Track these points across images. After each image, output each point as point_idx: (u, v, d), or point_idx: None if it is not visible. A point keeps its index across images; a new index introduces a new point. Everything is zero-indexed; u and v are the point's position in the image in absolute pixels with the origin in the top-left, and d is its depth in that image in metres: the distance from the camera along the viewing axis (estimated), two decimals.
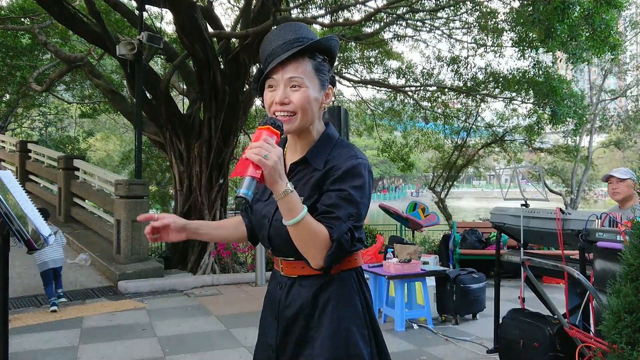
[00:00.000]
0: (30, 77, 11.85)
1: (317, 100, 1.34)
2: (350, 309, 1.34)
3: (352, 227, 1.26)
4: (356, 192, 1.28)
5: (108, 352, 4.10)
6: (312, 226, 1.22)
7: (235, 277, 7.21)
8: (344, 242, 1.24)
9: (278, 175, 1.17)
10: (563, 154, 13.85)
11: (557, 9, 6.17)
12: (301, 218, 1.19)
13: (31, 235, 1.82)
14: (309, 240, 1.23)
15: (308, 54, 1.33)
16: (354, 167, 1.29)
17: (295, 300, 1.37)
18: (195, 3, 7.40)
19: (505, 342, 3.45)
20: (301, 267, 1.36)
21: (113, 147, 26.52)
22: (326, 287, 1.35)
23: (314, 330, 1.34)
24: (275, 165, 1.15)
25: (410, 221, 7.42)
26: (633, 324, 1.78)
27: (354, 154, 1.33)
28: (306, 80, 1.31)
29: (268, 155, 1.15)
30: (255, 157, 1.14)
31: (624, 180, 3.62)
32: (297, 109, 1.30)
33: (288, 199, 1.18)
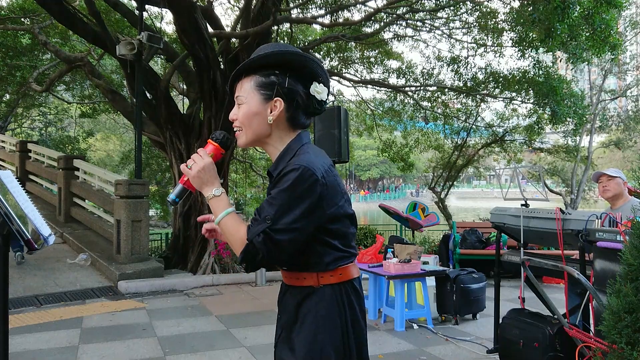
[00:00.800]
0: (30, 77, 11.85)
1: (257, 115, 1.41)
2: (327, 325, 1.36)
3: (267, 230, 1.28)
4: (280, 195, 1.30)
5: (108, 352, 4.10)
6: (231, 227, 1.35)
7: (235, 277, 7.21)
8: (256, 243, 1.28)
9: (202, 182, 1.38)
10: (563, 154, 13.85)
11: (557, 9, 6.17)
12: (219, 219, 1.36)
13: (31, 235, 1.81)
14: (228, 238, 1.36)
15: (253, 71, 1.42)
16: (287, 174, 1.32)
17: (285, 307, 1.46)
18: (195, 3, 7.40)
19: (505, 342, 3.46)
20: (290, 278, 1.44)
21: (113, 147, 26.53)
22: (307, 299, 1.39)
23: (293, 340, 1.39)
24: (197, 174, 1.37)
25: (410, 221, 7.41)
26: (633, 324, 1.78)
27: (298, 162, 1.33)
28: (245, 97, 1.42)
29: (192, 165, 1.38)
30: (182, 167, 1.39)
31: (614, 178, 3.66)
32: (241, 125, 1.44)
33: (212, 202, 1.38)
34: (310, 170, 1.32)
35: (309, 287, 1.39)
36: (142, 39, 7.06)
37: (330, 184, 1.36)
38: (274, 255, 1.30)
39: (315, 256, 1.39)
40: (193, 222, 8.54)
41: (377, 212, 8.30)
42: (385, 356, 4.01)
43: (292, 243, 1.31)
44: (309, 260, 1.39)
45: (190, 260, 8.35)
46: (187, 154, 8.56)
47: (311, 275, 1.39)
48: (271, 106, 1.41)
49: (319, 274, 1.39)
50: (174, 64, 8.67)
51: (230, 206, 1.39)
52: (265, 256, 1.29)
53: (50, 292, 5.99)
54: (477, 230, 7.83)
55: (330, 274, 1.39)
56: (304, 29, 13.24)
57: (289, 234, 1.30)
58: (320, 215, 1.34)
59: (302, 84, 1.44)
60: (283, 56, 1.41)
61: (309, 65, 1.43)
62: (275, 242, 1.29)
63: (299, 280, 1.41)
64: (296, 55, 1.41)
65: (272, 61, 1.42)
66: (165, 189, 17.95)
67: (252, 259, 1.30)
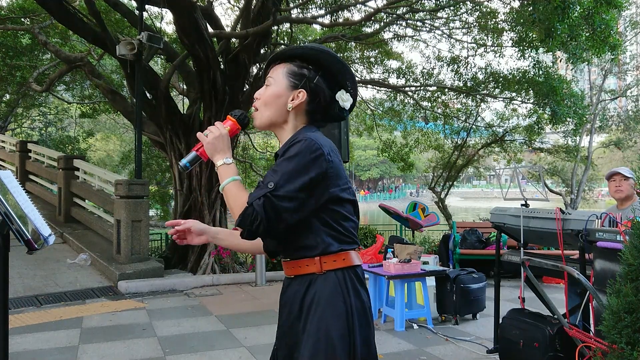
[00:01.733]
0: (30, 77, 11.84)
1: (279, 98, 1.46)
2: (333, 313, 1.34)
3: (269, 194, 1.28)
4: (284, 163, 1.33)
5: (108, 352, 4.10)
6: (235, 192, 1.36)
7: (235, 277, 7.21)
8: (256, 207, 1.27)
9: (215, 150, 1.43)
10: (563, 154, 13.84)
11: (557, 9, 6.17)
12: (225, 184, 1.39)
13: (31, 235, 1.81)
14: (231, 204, 1.36)
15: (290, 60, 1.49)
16: (293, 145, 1.36)
17: (288, 300, 1.44)
18: (195, 3, 7.40)
19: (505, 342, 3.46)
20: (293, 267, 1.43)
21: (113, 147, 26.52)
22: (311, 286, 1.38)
23: (300, 332, 1.38)
24: (213, 141, 1.42)
25: (410, 221, 7.41)
26: (633, 324, 1.78)
27: (305, 136, 1.37)
28: (273, 80, 1.48)
29: (208, 134, 1.44)
30: (198, 134, 1.46)
31: (628, 179, 3.63)
32: (262, 104, 1.48)
33: (221, 169, 1.42)
34: (317, 144, 1.34)
35: (312, 274, 1.38)
36: (142, 39, 7.06)
37: (335, 163, 1.37)
38: (272, 222, 1.28)
39: (318, 238, 1.38)
40: None
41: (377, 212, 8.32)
42: (385, 356, 4.01)
43: (291, 212, 1.30)
44: (311, 242, 1.38)
45: (190, 260, 8.34)
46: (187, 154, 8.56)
47: (313, 261, 1.38)
48: (294, 95, 1.46)
49: (322, 258, 1.38)
50: (174, 64, 8.66)
51: (238, 175, 1.41)
52: (263, 222, 1.27)
53: (50, 292, 5.99)
54: (477, 230, 7.83)
55: (333, 258, 1.38)
56: (304, 29, 13.24)
57: (290, 202, 1.29)
58: (323, 191, 1.35)
59: (329, 87, 1.49)
60: (321, 55, 1.48)
61: (342, 73, 1.49)
62: (275, 208, 1.28)
63: (302, 268, 1.40)
64: (334, 61, 1.48)
65: (311, 56, 1.48)
66: (165, 189, 17.95)
67: (250, 224, 1.28)
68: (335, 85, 1.50)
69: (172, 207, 14.06)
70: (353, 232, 1.45)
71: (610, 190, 3.75)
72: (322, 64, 1.48)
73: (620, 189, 3.66)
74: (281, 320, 1.46)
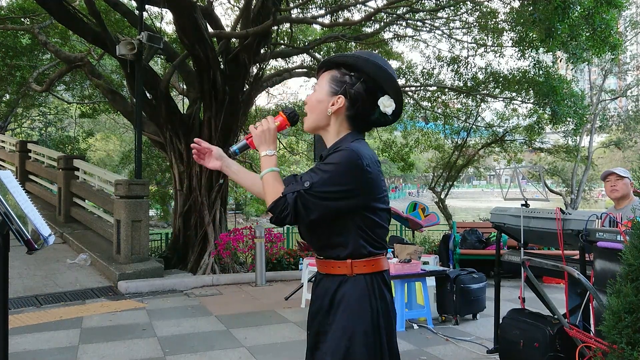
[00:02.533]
0: (30, 77, 11.84)
1: (320, 103, 1.56)
2: (359, 312, 1.44)
3: (302, 192, 1.39)
4: (324, 168, 1.43)
5: (108, 352, 4.10)
6: (272, 181, 1.48)
7: (235, 277, 7.21)
8: (289, 199, 1.39)
9: (261, 141, 1.54)
10: (563, 154, 13.84)
11: (558, 9, 6.17)
12: (265, 172, 1.50)
13: (31, 235, 1.81)
14: (266, 190, 1.47)
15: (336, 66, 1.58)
16: (335, 152, 1.47)
17: (319, 295, 1.54)
18: (195, 3, 7.40)
19: (506, 342, 3.45)
20: (325, 266, 1.53)
21: (113, 147, 26.52)
22: (341, 286, 1.48)
23: (328, 325, 1.48)
24: (261, 133, 1.54)
25: (410, 221, 7.42)
26: (633, 324, 1.78)
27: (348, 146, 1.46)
28: (319, 86, 1.59)
29: (258, 127, 1.55)
30: (250, 127, 1.57)
31: (623, 178, 3.64)
32: (308, 109, 1.60)
33: (264, 159, 1.53)
34: (358, 154, 1.43)
35: (343, 275, 1.48)
36: (142, 39, 7.06)
37: (373, 174, 1.46)
38: (300, 217, 1.40)
39: (350, 239, 1.46)
40: (193, 222, 8.54)
41: None
42: None
43: (320, 210, 1.40)
44: (344, 242, 1.47)
45: (190, 260, 8.34)
46: (187, 154, 8.56)
47: (345, 264, 1.47)
48: (334, 100, 1.54)
49: (353, 262, 1.47)
50: (174, 64, 8.66)
51: (277, 167, 1.53)
52: (291, 214, 1.39)
53: (50, 292, 5.99)
54: (477, 230, 7.83)
55: (363, 263, 1.47)
56: (304, 29, 13.24)
57: (321, 200, 1.40)
58: (358, 200, 1.44)
59: (371, 93, 1.54)
60: (363, 62, 1.54)
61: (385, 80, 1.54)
62: (305, 205, 1.39)
63: (334, 268, 1.49)
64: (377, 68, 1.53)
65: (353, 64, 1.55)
66: (165, 189, 17.96)
67: (280, 212, 1.40)
68: (379, 91, 1.55)
69: (172, 207, 14.06)
70: (383, 238, 1.54)
71: (607, 190, 3.77)
72: (365, 71, 1.54)
73: (615, 188, 3.68)
74: (312, 309, 1.56)
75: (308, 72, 11.65)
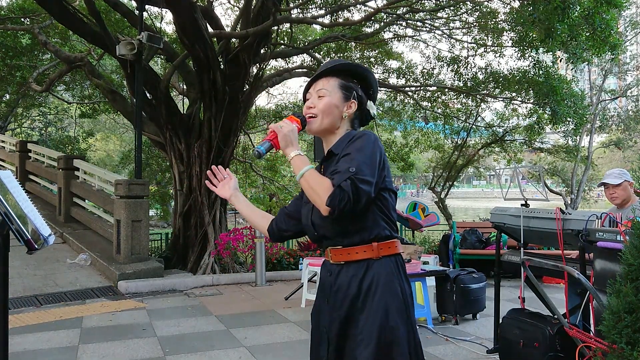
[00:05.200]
0: (30, 77, 11.83)
1: (337, 107, 1.67)
2: (390, 293, 1.53)
3: (353, 177, 1.44)
4: (356, 152, 1.51)
5: (108, 352, 4.10)
6: (316, 177, 1.51)
7: (235, 277, 7.21)
8: (344, 187, 1.43)
9: (288, 142, 1.56)
10: (563, 154, 13.84)
11: (558, 9, 6.17)
12: (304, 171, 1.51)
13: (31, 235, 1.81)
14: (314, 187, 1.49)
15: (337, 74, 1.70)
16: (359, 137, 1.57)
17: (342, 284, 1.57)
18: (195, 3, 7.40)
19: (506, 342, 3.45)
20: (347, 254, 1.58)
21: (113, 147, 26.54)
22: (369, 270, 1.55)
23: (358, 311, 1.53)
24: (287, 133, 1.56)
25: (410, 221, 7.40)
26: (633, 324, 1.78)
27: (363, 131, 1.63)
28: (329, 91, 1.67)
29: (283, 126, 1.58)
30: (274, 125, 1.59)
31: (620, 184, 3.61)
32: (318, 112, 1.66)
33: (294, 160, 1.55)
34: (375, 135, 1.60)
35: (368, 259, 1.55)
36: (142, 39, 7.06)
37: (385, 154, 1.60)
38: (356, 203, 1.44)
39: (375, 225, 1.56)
40: (193, 222, 8.55)
41: None
42: None
43: (368, 195, 1.47)
44: (368, 228, 1.55)
45: (190, 260, 8.35)
46: (187, 154, 8.57)
47: (370, 247, 1.55)
48: (348, 105, 1.69)
49: (379, 244, 1.56)
50: (174, 64, 8.67)
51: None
52: (350, 201, 1.43)
53: (50, 292, 5.99)
54: (477, 230, 7.83)
55: (388, 244, 1.58)
56: (304, 29, 13.24)
57: (367, 185, 1.47)
58: (381, 178, 1.55)
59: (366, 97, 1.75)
60: (364, 72, 1.74)
61: (373, 84, 1.76)
62: (357, 189, 1.44)
63: (358, 254, 1.56)
64: (372, 77, 1.76)
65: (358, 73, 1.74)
66: (165, 189, 17.95)
67: (339, 202, 1.44)
68: (368, 96, 1.76)
69: (172, 207, 14.06)
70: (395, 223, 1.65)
71: (607, 198, 3.75)
72: (364, 79, 1.74)
73: (614, 196, 3.65)
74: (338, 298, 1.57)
75: (308, 72, 11.65)
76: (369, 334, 1.48)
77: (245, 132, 11.93)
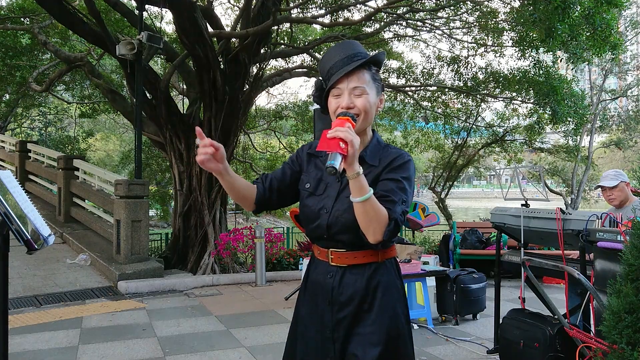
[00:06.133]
0: (30, 77, 11.83)
1: (375, 104, 1.57)
2: (396, 292, 1.58)
3: (404, 210, 1.48)
4: (406, 182, 1.52)
5: (108, 352, 4.10)
6: (376, 205, 1.41)
7: (235, 277, 7.21)
8: (399, 222, 1.46)
9: (355, 157, 1.35)
10: (563, 154, 13.83)
11: (558, 9, 6.16)
12: (370, 195, 1.38)
13: (31, 235, 1.81)
14: (373, 216, 1.41)
15: (366, 66, 1.55)
16: (406, 163, 1.55)
17: (349, 285, 1.56)
18: (195, 3, 7.39)
19: (506, 342, 3.45)
20: (353, 257, 1.57)
21: (113, 147, 26.53)
22: (376, 273, 1.56)
23: (366, 311, 1.54)
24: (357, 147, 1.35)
25: (410, 221, 7.40)
26: (633, 324, 1.78)
27: (404, 152, 1.60)
28: (367, 88, 1.53)
29: (354, 140, 1.32)
30: (349, 137, 1.31)
31: (616, 185, 3.60)
32: (360, 112, 1.52)
33: (360, 179, 1.37)
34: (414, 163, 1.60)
35: (373, 263, 1.57)
36: (142, 39, 7.05)
37: None
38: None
39: None
40: (193, 222, 8.54)
41: None
42: None
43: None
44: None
45: (190, 260, 8.34)
46: (187, 154, 8.57)
47: (375, 252, 1.56)
48: (380, 100, 1.61)
49: (383, 249, 1.58)
50: (174, 64, 8.66)
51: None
52: (399, 231, 1.49)
53: (50, 292, 5.98)
54: (477, 230, 7.83)
55: (390, 248, 1.62)
56: (304, 28, 13.24)
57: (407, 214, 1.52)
58: None
59: None
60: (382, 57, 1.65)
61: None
62: (404, 222, 1.50)
63: (365, 257, 1.56)
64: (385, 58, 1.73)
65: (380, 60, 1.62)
66: (165, 189, 17.95)
67: (394, 235, 1.48)
68: None
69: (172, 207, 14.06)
70: None
71: (605, 199, 3.75)
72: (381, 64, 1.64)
73: (611, 197, 3.65)
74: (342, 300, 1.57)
75: (308, 72, 11.66)
76: (377, 333, 1.51)
77: (245, 132, 11.93)
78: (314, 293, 1.64)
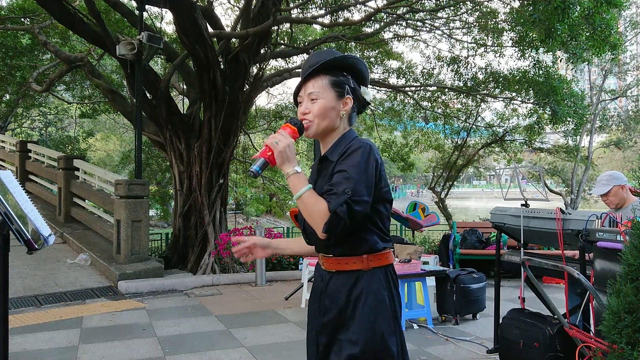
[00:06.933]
0: (30, 77, 11.83)
1: (333, 109, 1.59)
2: (378, 302, 1.51)
3: (349, 200, 1.41)
4: (353, 170, 1.46)
5: (108, 352, 4.10)
6: (312, 200, 1.45)
7: (235, 277, 7.21)
8: (340, 213, 1.40)
9: (285, 158, 1.48)
10: (563, 154, 13.84)
11: (558, 9, 6.16)
12: (302, 193, 1.46)
13: (31, 235, 1.81)
14: (311, 212, 1.45)
15: (325, 71, 1.60)
16: (355, 151, 1.50)
17: (332, 291, 1.56)
18: (195, 3, 7.40)
19: (506, 342, 3.45)
20: (337, 264, 1.56)
21: (113, 147, 26.53)
22: (358, 281, 1.53)
23: (348, 318, 1.52)
24: (283, 149, 1.48)
25: (410, 221, 7.41)
26: (633, 324, 1.78)
27: (357, 141, 1.55)
28: (322, 93, 1.58)
29: (278, 142, 1.48)
30: (269, 142, 1.49)
31: (608, 191, 3.59)
32: (314, 117, 1.58)
33: (292, 178, 1.48)
34: (371, 148, 1.52)
35: (358, 270, 1.53)
36: (142, 39, 7.05)
37: (381, 165, 1.55)
38: (352, 223, 1.42)
39: (367, 235, 1.54)
40: (193, 222, 8.55)
41: None
42: None
43: (362, 214, 1.45)
44: (360, 242, 1.53)
45: (190, 260, 8.34)
46: (187, 154, 8.57)
47: (360, 259, 1.53)
48: (343, 102, 1.61)
49: (369, 256, 1.53)
50: (174, 64, 8.66)
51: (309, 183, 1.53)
52: (346, 224, 1.41)
53: (50, 292, 5.99)
54: (477, 230, 7.83)
55: (378, 256, 1.55)
56: (304, 29, 13.24)
57: (363, 205, 1.45)
58: (376, 191, 1.51)
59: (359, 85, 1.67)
60: (348, 60, 1.64)
61: (363, 70, 1.67)
62: (352, 212, 1.42)
63: (348, 264, 1.54)
64: (357, 61, 1.65)
65: (342, 64, 1.63)
66: (165, 189, 17.95)
67: (335, 228, 1.42)
68: (359, 83, 1.67)
69: (172, 207, 14.06)
70: (389, 231, 1.63)
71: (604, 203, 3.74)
72: (354, 68, 1.64)
73: (607, 202, 3.64)
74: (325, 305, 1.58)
75: None
76: (356, 337, 1.48)
77: (245, 132, 11.93)
78: (311, 294, 1.70)
